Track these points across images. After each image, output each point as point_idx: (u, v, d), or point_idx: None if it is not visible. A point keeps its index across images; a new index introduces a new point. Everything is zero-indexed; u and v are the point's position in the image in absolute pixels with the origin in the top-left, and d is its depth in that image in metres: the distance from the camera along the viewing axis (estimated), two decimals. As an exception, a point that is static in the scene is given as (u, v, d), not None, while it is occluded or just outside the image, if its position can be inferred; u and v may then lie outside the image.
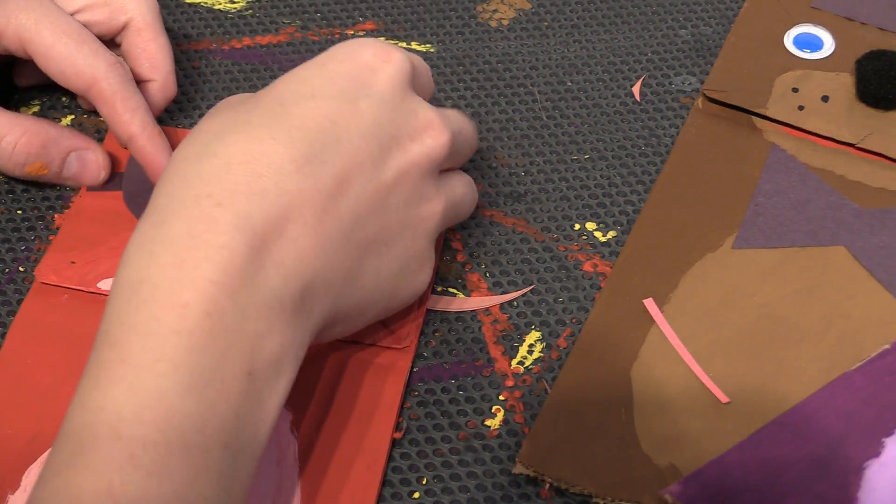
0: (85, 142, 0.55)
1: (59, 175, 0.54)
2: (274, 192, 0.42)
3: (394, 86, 0.46)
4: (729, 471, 0.46)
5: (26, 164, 0.53)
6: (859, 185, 0.56)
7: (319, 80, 0.46)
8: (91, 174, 0.55)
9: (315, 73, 0.46)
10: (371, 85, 0.46)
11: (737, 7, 0.65)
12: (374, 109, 0.45)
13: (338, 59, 0.47)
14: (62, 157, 0.54)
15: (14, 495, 0.46)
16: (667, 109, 0.60)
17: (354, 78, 0.46)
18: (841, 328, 0.51)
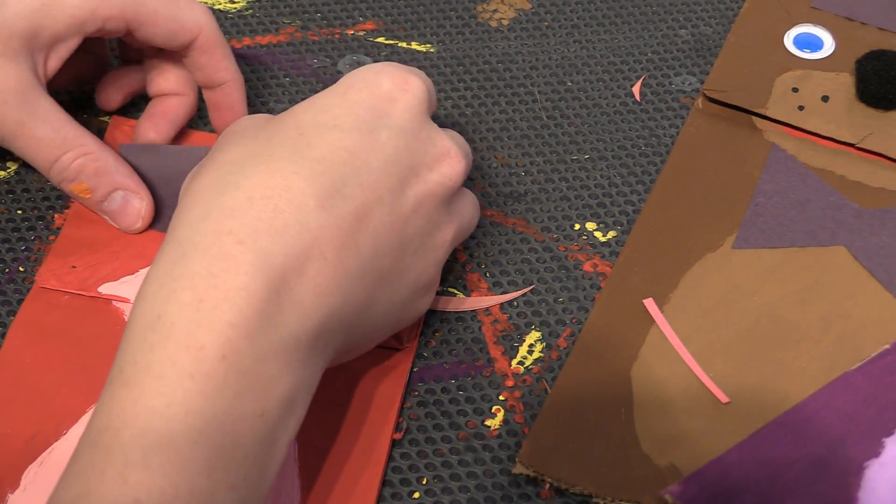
0: (136, 185, 0.53)
1: (97, 204, 0.53)
2: (295, 229, 0.41)
3: (412, 115, 0.46)
4: (729, 471, 0.46)
5: (72, 182, 0.52)
6: (859, 185, 0.56)
7: (339, 109, 0.45)
8: (128, 219, 0.53)
9: (335, 101, 0.46)
10: (390, 115, 0.46)
11: (737, 7, 0.65)
12: (393, 140, 0.45)
13: (357, 87, 0.46)
14: (108, 191, 0.52)
15: (14, 495, 0.46)
16: (667, 109, 0.60)
17: (373, 108, 0.46)
18: (841, 328, 0.51)
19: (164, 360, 0.38)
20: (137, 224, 0.53)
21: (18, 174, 0.56)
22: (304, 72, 0.61)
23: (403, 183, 0.45)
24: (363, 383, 0.49)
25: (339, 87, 0.47)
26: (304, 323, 0.41)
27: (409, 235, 0.45)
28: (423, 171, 0.46)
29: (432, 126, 0.47)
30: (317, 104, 0.46)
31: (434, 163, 0.46)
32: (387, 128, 0.45)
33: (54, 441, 0.47)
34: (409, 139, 0.46)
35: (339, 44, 0.63)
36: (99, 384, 0.48)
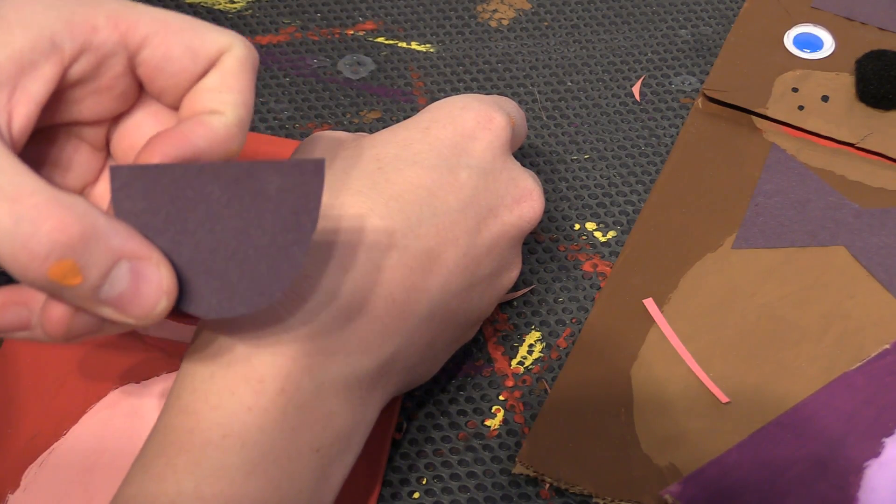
0: (144, 248, 0.35)
1: (94, 291, 0.34)
2: (366, 265, 0.41)
3: (494, 155, 0.45)
4: (729, 471, 0.46)
5: (48, 260, 0.33)
6: (859, 185, 0.56)
7: (421, 145, 0.44)
8: (146, 301, 0.35)
9: (417, 136, 0.45)
10: (471, 153, 0.45)
11: (737, 7, 0.65)
12: (473, 181, 0.44)
13: (441, 123, 0.45)
14: (107, 265, 0.34)
15: (14, 495, 0.46)
16: (667, 109, 0.60)
17: (455, 145, 0.45)
18: (841, 328, 0.51)
19: (222, 390, 0.38)
20: (161, 305, 0.36)
21: (18, 174, 0.56)
22: (304, 72, 0.61)
23: (480, 224, 0.44)
24: (363, 383, 0.49)
25: (422, 120, 0.45)
26: (366, 361, 0.40)
27: (479, 276, 0.45)
28: (501, 211, 0.45)
29: (514, 165, 0.46)
30: (399, 137, 0.45)
31: (514, 203, 0.46)
32: (467, 167, 0.44)
33: (54, 441, 0.47)
34: (489, 179, 0.45)
35: (339, 44, 0.63)
36: (99, 384, 0.49)
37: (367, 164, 0.43)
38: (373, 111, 0.60)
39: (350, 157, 0.44)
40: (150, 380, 0.49)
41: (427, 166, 0.43)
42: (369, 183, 0.42)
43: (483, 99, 0.47)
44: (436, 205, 0.43)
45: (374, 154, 0.44)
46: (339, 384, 0.39)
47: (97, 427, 0.48)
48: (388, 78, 0.61)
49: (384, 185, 0.42)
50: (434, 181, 0.43)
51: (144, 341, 0.50)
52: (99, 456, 0.47)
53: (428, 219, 0.43)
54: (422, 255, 0.42)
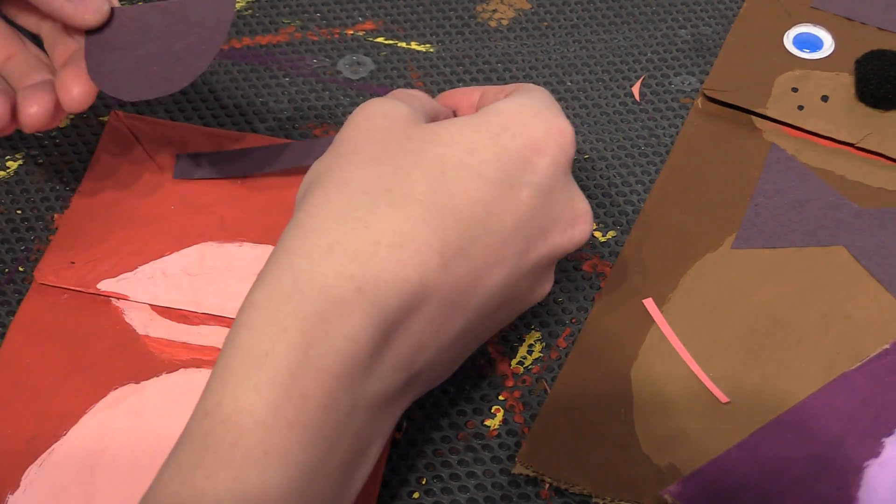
0: None
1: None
2: (414, 285, 0.40)
3: (557, 172, 0.44)
4: (729, 471, 0.46)
5: None
6: (859, 185, 0.56)
7: (487, 153, 0.42)
8: (92, 3, 0.49)
9: (485, 143, 0.43)
10: (536, 169, 0.43)
11: (737, 7, 0.65)
12: (532, 200, 0.43)
13: (511, 131, 0.43)
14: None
15: (14, 495, 0.46)
16: (667, 109, 0.60)
17: (522, 159, 0.43)
18: (841, 328, 0.51)
19: (266, 404, 0.37)
20: (105, 7, 0.49)
21: (18, 174, 0.56)
22: (304, 72, 0.61)
23: (530, 245, 0.43)
24: (363, 383, 0.49)
25: (492, 124, 0.43)
26: (396, 376, 0.40)
27: (515, 293, 0.44)
28: (553, 233, 0.44)
29: (572, 184, 0.45)
30: (466, 138, 0.43)
31: (567, 226, 0.45)
32: (529, 185, 0.43)
33: (54, 442, 0.47)
34: (547, 199, 0.43)
35: (339, 44, 0.63)
36: (99, 384, 0.49)
37: (429, 166, 0.42)
38: (373, 111, 0.60)
39: (413, 151, 0.42)
40: (149, 380, 0.49)
41: (490, 179, 0.42)
42: (429, 189, 0.41)
43: (552, 106, 0.45)
44: (491, 223, 0.42)
45: (437, 154, 0.42)
46: (371, 400, 0.39)
47: (97, 427, 0.48)
48: (388, 78, 0.61)
49: (444, 195, 0.41)
50: (494, 197, 0.42)
51: (144, 341, 0.50)
52: (99, 456, 0.47)
53: (481, 238, 0.41)
54: (467, 275, 0.41)
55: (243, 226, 0.54)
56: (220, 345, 0.50)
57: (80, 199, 0.55)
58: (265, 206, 0.54)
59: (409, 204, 0.41)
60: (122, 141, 0.57)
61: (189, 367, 0.49)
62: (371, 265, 0.39)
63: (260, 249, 0.53)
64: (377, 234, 0.40)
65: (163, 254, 0.52)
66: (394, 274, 0.39)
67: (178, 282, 0.51)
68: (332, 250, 0.39)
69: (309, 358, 0.38)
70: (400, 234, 0.40)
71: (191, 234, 0.53)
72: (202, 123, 0.59)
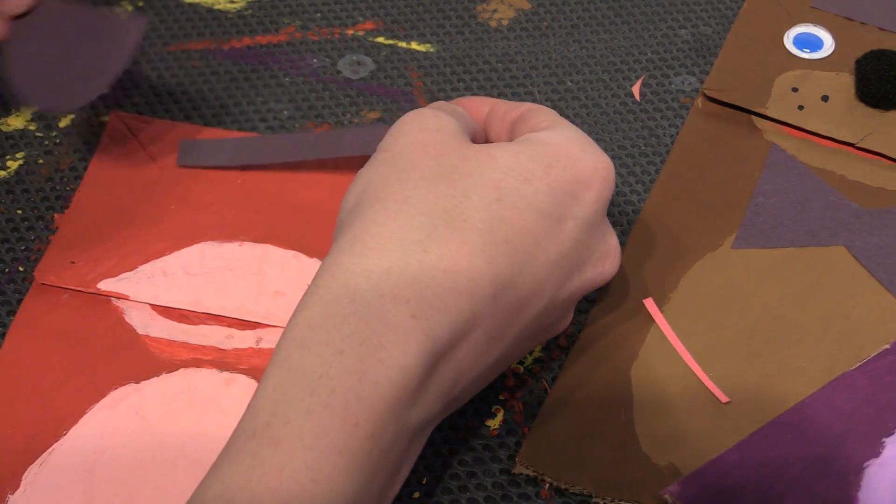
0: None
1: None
2: (465, 315, 0.40)
3: (599, 207, 0.44)
4: (729, 470, 0.46)
5: None
6: (859, 185, 0.56)
7: (541, 184, 0.42)
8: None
9: (539, 173, 0.43)
10: (582, 203, 0.43)
11: (737, 7, 0.65)
12: (576, 233, 0.43)
13: (563, 163, 0.43)
14: None
15: (14, 495, 0.46)
16: (667, 109, 0.60)
17: (571, 192, 0.43)
18: (841, 328, 0.51)
19: (317, 429, 0.37)
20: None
21: (18, 174, 0.56)
22: (304, 72, 0.61)
23: (567, 278, 0.44)
24: (363, 383, 0.49)
25: (545, 155, 0.43)
26: (437, 403, 0.40)
27: (544, 325, 0.44)
28: (587, 267, 0.44)
29: (607, 220, 0.46)
30: (521, 166, 0.43)
31: (599, 260, 0.45)
32: (574, 218, 0.43)
33: (54, 441, 0.47)
34: (588, 234, 0.44)
35: (339, 44, 0.63)
36: (99, 384, 0.49)
37: (486, 192, 0.42)
38: (373, 111, 0.60)
39: (470, 173, 0.42)
40: (149, 380, 0.49)
41: (540, 211, 0.42)
42: (486, 216, 0.41)
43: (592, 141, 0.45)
44: (537, 254, 0.42)
45: (494, 180, 0.42)
46: (412, 427, 0.39)
47: (97, 427, 0.48)
48: (388, 78, 0.61)
49: (499, 223, 0.41)
50: (542, 229, 0.42)
51: (144, 341, 0.50)
52: (99, 456, 0.47)
53: (527, 269, 0.42)
54: (511, 306, 0.41)
55: (243, 225, 0.54)
56: (220, 345, 0.50)
57: (80, 199, 0.55)
58: (265, 206, 0.54)
59: (466, 230, 0.41)
60: (122, 141, 0.57)
61: (189, 367, 0.49)
62: (427, 292, 0.39)
63: (260, 249, 0.53)
64: (435, 260, 0.40)
65: (163, 253, 0.52)
66: (447, 303, 0.39)
67: (178, 281, 0.51)
68: (391, 273, 0.39)
69: (363, 385, 0.37)
70: (456, 261, 0.40)
71: (191, 233, 0.53)
72: (202, 123, 0.59)
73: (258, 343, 0.50)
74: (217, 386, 0.49)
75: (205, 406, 0.48)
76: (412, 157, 0.43)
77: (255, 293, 0.51)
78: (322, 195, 0.55)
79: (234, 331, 0.51)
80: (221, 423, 0.48)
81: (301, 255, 0.53)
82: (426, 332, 0.39)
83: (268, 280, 0.52)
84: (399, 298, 0.39)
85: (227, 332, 0.51)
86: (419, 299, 0.39)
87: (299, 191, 0.55)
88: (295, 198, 0.55)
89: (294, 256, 0.53)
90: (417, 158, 0.43)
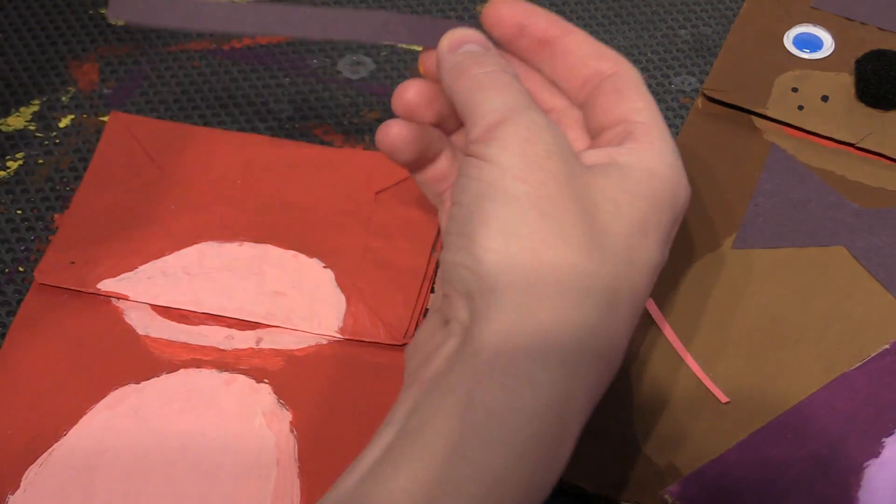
0: None
1: None
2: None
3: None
4: (729, 470, 0.46)
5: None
6: (859, 185, 0.56)
7: (658, 234, 0.41)
8: None
9: (653, 223, 0.41)
10: (671, 239, 0.43)
11: (737, 7, 0.65)
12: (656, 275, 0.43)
13: (673, 207, 0.41)
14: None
15: (14, 495, 0.46)
16: (667, 109, 0.60)
17: (670, 235, 0.43)
18: (841, 328, 0.51)
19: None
20: None
21: (18, 174, 0.56)
22: (304, 72, 0.61)
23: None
24: (363, 383, 0.49)
25: (659, 199, 0.41)
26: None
27: None
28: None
29: None
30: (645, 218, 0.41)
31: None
32: (663, 263, 0.43)
33: (54, 442, 0.47)
34: None
35: (339, 44, 0.63)
36: (99, 384, 0.49)
37: (632, 301, 0.40)
38: (373, 111, 0.60)
39: (610, 248, 0.40)
40: (150, 380, 0.49)
41: (655, 266, 0.41)
42: (625, 321, 0.39)
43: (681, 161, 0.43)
44: (639, 308, 0.42)
45: (633, 285, 0.40)
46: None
47: (97, 427, 0.48)
48: (388, 78, 0.61)
49: (636, 298, 0.40)
50: (650, 285, 0.42)
51: (144, 342, 0.50)
52: (99, 456, 0.47)
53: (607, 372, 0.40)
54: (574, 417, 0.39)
55: (243, 225, 0.54)
56: (220, 345, 0.50)
57: (80, 199, 0.55)
58: (265, 206, 0.54)
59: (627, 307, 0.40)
60: (122, 141, 0.57)
61: (189, 367, 0.50)
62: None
63: (260, 249, 0.53)
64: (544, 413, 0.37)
65: (163, 254, 0.52)
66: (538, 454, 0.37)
67: (178, 281, 0.51)
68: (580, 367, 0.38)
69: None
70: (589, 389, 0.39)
71: (191, 233, 0.53)
72: (202, 123, 0.59)
73: (258, 343, 0.50)
74: (217, 386, 0.49)
75: (205, 406, 0.48)
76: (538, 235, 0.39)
77: (255, 293, 0.51)
78: (322, 195, 0.55)
79: (234, 331, 0.51)
80: (221, 423, 0.48)
81: (301, 255, 0.53)
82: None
83: (268, 280, 0.52)
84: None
85: (227, 332, 0.51)
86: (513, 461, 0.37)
87: (299, 191, 0.55)
88: (295, 198, 0.55)
89: (294, 256, 0.53)
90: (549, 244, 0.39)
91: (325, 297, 0.51)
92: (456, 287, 0.39)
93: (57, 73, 0.60)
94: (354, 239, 0.53)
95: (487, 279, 0.38)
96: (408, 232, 0.54)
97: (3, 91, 0.60)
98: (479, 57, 0.42)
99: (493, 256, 0.38)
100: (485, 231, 0.38)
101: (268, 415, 0.48)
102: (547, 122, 0.40)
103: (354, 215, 0.54)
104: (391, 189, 0.55)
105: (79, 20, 0.63)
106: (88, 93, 0.59)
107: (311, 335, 0.50)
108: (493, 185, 0.38)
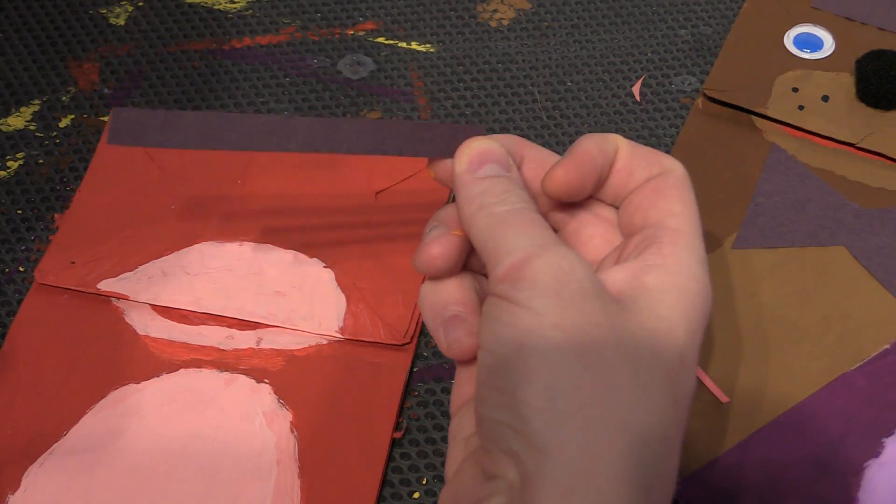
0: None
1: None
2: None
3: None
4: (729, 471, 0.46)
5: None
6: (859, 185, 0.56)
7: (686, 376, 0.37)
8: None
9: (676, 369, 0.37)
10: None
11: (737, 7, 0.65)
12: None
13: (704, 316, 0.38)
14: None
15: (14, 495, 0.46)
16: (667, 109, 0.60)
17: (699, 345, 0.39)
18: (841, 328, 0.51)
19: None
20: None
21: (18, 174, 0.56)
22: (304, 72, 0.61)
23: None
24: (363, 383, 0.49)
25: (698, 311, 0.38)
26: None
27: None
28: None
29: None
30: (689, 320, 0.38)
31: None
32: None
33: (54, 442, 0.47)
34: None
35: (339, 44, 0.63)
36: (99, 384, 0.49)
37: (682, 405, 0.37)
38: (373, 111, 0.60)
39: (646, 386, 0.36)
40: (149, 380, 0.49)
41: (685, 406, 0.38)
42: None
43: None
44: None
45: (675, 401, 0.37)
46: None
47: (97, 427, 0.48)
48: (388, 78, 0.61)
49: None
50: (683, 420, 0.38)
51: (144, 341, 0.50)
52: (99, 456, 0.47)
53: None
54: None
55: (243, 226, 0.54)
56: (220, 345, 0.50)
57: (80, 199, 0.55)
58: (265, 206, 0.54)
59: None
60: (123, 141, 0.57)
61: (189, 367, 0.50)
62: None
63: (260, 249, 0.53)
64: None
65: (163, 254, 0.52)
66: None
67: (178, 281, 0.51)
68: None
69: None
70: None
71: (191, 233, 0.53)
72: (202, 123, 0.59)
73: (258, 343, 0.50)
74: (217, 386, 0.49)
75: (205, 406, 0.48)
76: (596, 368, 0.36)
77: (255, 293, 0.51)
78: (322, 195, 0.55)
79: (234, 331, 0.51)
80: (221, 423, 0.48)
81: (301, 255, 0.53)
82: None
83: (268, 280, 0.52)
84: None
85: (227, 332, 0.51)
86: None
87: (299, 191, 0.55)
88: (295, 198, 0.55)
89: (294, 256, 0.53)
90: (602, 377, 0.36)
91: (326, 297, 0.51)
92: (499, 445, 0.36)
93: (57, 73, 0.60)
94: (354, 239, 0.53)
95: (535, 440, 0.35)
96: (408, 232, 0.54)
97: (3, 91, 0.60)
98: (501, 193, 0.39)
99: (540, 417, 0.35)
100: (529, 389, 0.35)
101: (268, 415, 0.48)
102: (576, 258, 0.37)
103: (354, 215, 0.54)
104: (391, 189, 0.55)
105: (79, 20, 0.63)
106: (88, 93, 0.59)
107: (312, 335, 0.50)
108: (530, 335, 0.35)
